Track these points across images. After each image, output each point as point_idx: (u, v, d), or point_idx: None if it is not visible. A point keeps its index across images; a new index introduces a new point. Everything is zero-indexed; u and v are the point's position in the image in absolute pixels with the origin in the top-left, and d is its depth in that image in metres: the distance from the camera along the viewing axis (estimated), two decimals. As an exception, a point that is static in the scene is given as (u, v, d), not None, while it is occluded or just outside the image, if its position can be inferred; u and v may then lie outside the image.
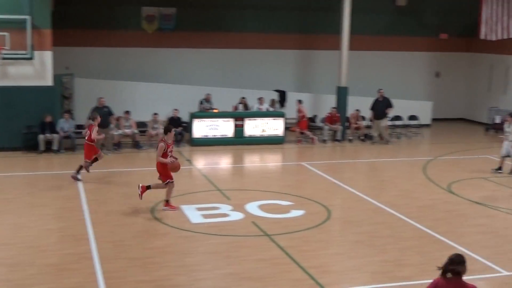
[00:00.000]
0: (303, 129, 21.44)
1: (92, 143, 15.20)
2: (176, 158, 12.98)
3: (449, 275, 6.14)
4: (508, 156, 17.15)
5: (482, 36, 23.37)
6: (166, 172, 12.81)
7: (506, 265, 10.27)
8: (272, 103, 22.62)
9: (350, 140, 21.96)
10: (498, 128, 24.28)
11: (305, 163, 18.20)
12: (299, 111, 21.72)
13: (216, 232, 11.66)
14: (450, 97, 27.47)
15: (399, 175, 17.20)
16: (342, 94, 22.10)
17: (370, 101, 22.18)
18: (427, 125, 25.15)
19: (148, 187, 12.95)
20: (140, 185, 12.95)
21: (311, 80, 25.44)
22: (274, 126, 21.15)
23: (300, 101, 22.01)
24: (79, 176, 15.26)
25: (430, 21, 26.46)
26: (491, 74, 26.25)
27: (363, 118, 22.56)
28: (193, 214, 12.72)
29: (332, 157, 19.99)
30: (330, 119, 21.82)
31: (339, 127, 21.76)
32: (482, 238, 11.70)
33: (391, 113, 22.12)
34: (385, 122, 21.76)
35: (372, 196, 14.49)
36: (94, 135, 15.08)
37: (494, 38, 23.36)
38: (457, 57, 27.36)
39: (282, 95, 24.04)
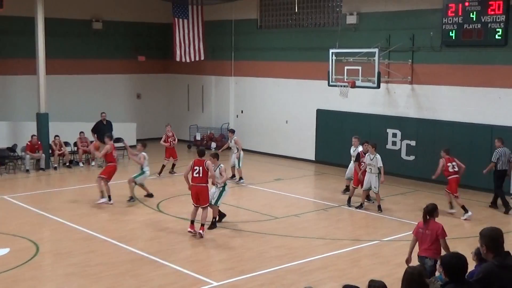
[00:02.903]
0: None
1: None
2: None
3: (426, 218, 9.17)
4: (234, 166, 19.02)
5: (177, 58, 24.63)
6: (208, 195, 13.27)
7: (215, 276, 10.92)
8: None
9: (55, 168, 21.31)
10: (199, 145, 25.82)
11: (7, 196, 17.11)
12: None
13: None
14: (152, 118, 28.34)
15: (108, 199, 17.15)
16: (42, 120, 21.31)
17: (74, 126, 21.83)
18: (133, 146, 25.50)
19: (203, 225, 13.08)
20: (201, 232, 13.00)
21: (9, 107, 24.02)
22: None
23: None
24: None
25: (126, 44, 27.02)
26: (189, 94, 27.79)
27: (66, 144, 22.12)
28: None
29: (37, 187, 19.12)
30: (31, 148, 20.83)
31: (42, 155, 20.93)
32: (192, 253, 12.27)
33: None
34: None
35: (82, 224, 14.22)
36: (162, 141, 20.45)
37: (188, 60, 24.80)
38: (156, 78, 28.39)
39: (-24, 125, 22.31)
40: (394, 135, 20.18)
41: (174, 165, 20.67)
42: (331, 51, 19.24)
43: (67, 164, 21.79)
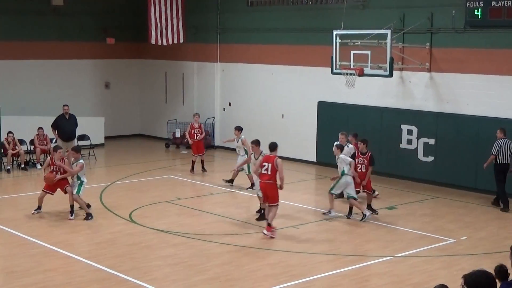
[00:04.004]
0: None
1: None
2: None
3: None
4: (242, 169, 19.08)
5: (152, 41, 24.57)
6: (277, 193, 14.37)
7: (199, 298, 10.93)
8: None
9: (8, 170, 21.27)
10: (179, 143, 25.80)
11: (-50, 204, 17.08)
12: None
13: None
14: (124, 111, 28.31)
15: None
16: (-7, 114, 21.28)
17: (31, 121, 21.68)
18: (100, 145, 25.50)
19: (269, 225, 14.22)
20: (265, 232, 14.22)
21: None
22: None
23: None
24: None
25: (93, 24, 26.91)
26: (167, 83, 27.74)
27: (21, 142, 22.08)
28: None
29: (-14, 193, 19.08)
30: (-20, 147, 20.85)
31: (-7, 156, 20.94)
32: (171, 271, 12.26)
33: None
34: (75, 144, 21.93)
35: (41, 237, 14.18)
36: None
37: (166, 43, 24.76)
38: (128, 65, 28.34)
39: None
40: (410, 132, 20.21)
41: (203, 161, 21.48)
42: (335, 32, 19.25)
43: (23, 165, 21.73)
